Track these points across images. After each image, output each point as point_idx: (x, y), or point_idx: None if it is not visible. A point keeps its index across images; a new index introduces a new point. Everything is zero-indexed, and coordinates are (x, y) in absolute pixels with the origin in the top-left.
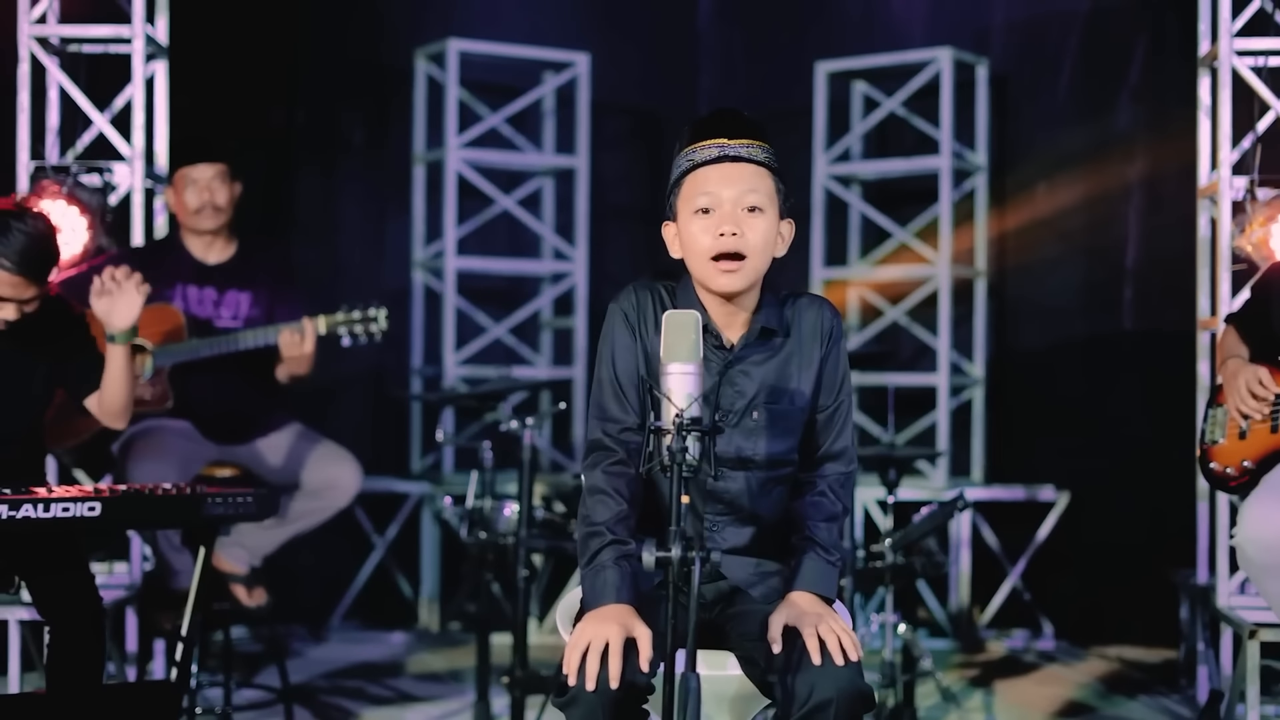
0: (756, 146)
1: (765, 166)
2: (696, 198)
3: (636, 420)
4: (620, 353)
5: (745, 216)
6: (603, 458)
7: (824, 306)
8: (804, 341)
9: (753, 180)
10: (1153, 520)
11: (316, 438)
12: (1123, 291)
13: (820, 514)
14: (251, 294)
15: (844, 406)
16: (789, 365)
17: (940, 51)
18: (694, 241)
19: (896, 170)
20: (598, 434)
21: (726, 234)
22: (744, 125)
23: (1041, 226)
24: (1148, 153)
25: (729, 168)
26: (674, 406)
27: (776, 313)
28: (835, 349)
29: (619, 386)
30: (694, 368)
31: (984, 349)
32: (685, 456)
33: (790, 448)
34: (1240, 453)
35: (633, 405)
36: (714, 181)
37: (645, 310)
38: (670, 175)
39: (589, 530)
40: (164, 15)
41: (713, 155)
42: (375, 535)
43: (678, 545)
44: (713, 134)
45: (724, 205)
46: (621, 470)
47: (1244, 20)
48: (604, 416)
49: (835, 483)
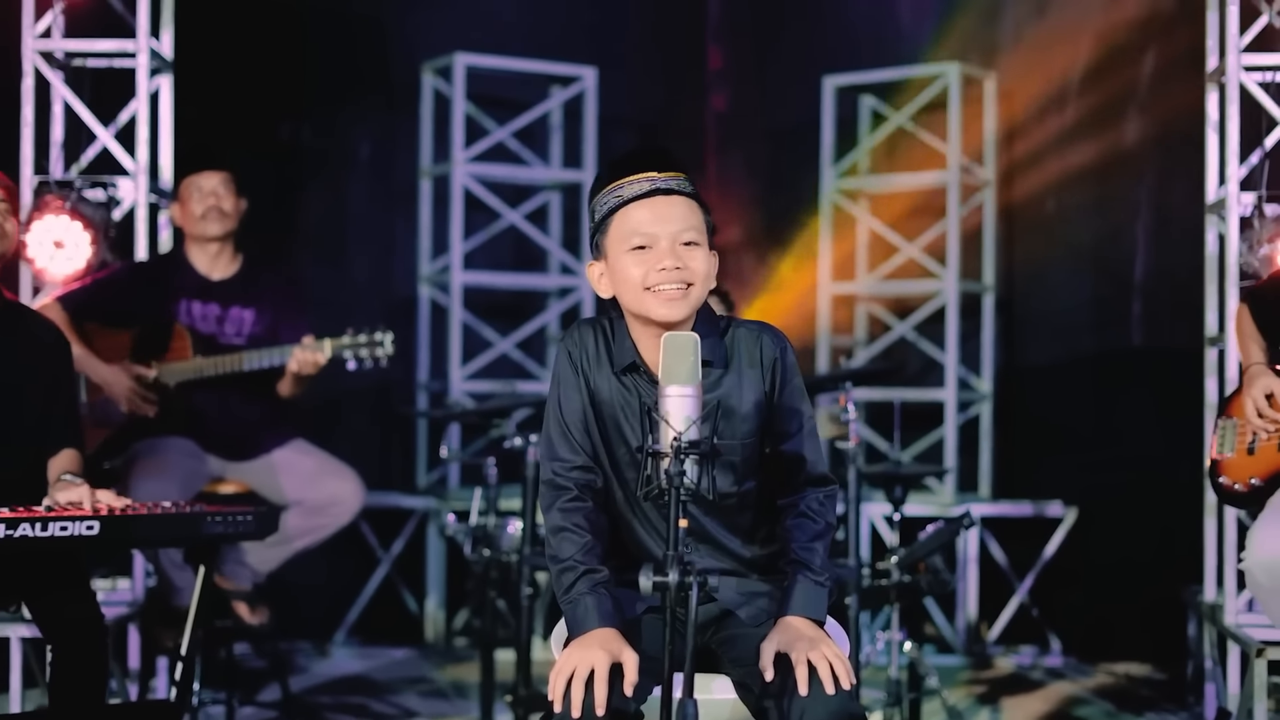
0: (684, 179)
1: (695, 199)
2: (630, 237)
3: (584, 460)
4: (566, 393)
5: (683, 250)
6: (557, 496)
7: (764, 333)
8: (743, 372)
9: (687, 215)
10: (1161, 537)
11: (319, 454)
12: (1131, 307)
13: (805, 534)
14: (255, 311)
15: (806, 429)
16: (730, 398)
17: (948, 66)
18: (629, 275)
19: (904, 184)
20: (548, 474)
21: (668, 268)
22: (669, 159)
23: (1050, 241)
24: (1156, 167)
25: (661, 202)
26: (671, 429)
27: (712, 343)
28: (784, 375)
29: (565, 427)
30: (692, 390)
31: (992, 364)
32: (683, 480)
33: (736, 481)
34: (1248, 469)
35: (580, 445)
36: (648, 218)
37: (588, 347)
38: (593, 215)
39: (560, 567)
40: (169, 29)
41: (644, 190)
42: (380, 550)
43: (675, 569)
44: (639, 168)
45: (660, 242)
46: (577, 505)
47: (1251, 36)
48: (553, 456)
49: (815, 501)
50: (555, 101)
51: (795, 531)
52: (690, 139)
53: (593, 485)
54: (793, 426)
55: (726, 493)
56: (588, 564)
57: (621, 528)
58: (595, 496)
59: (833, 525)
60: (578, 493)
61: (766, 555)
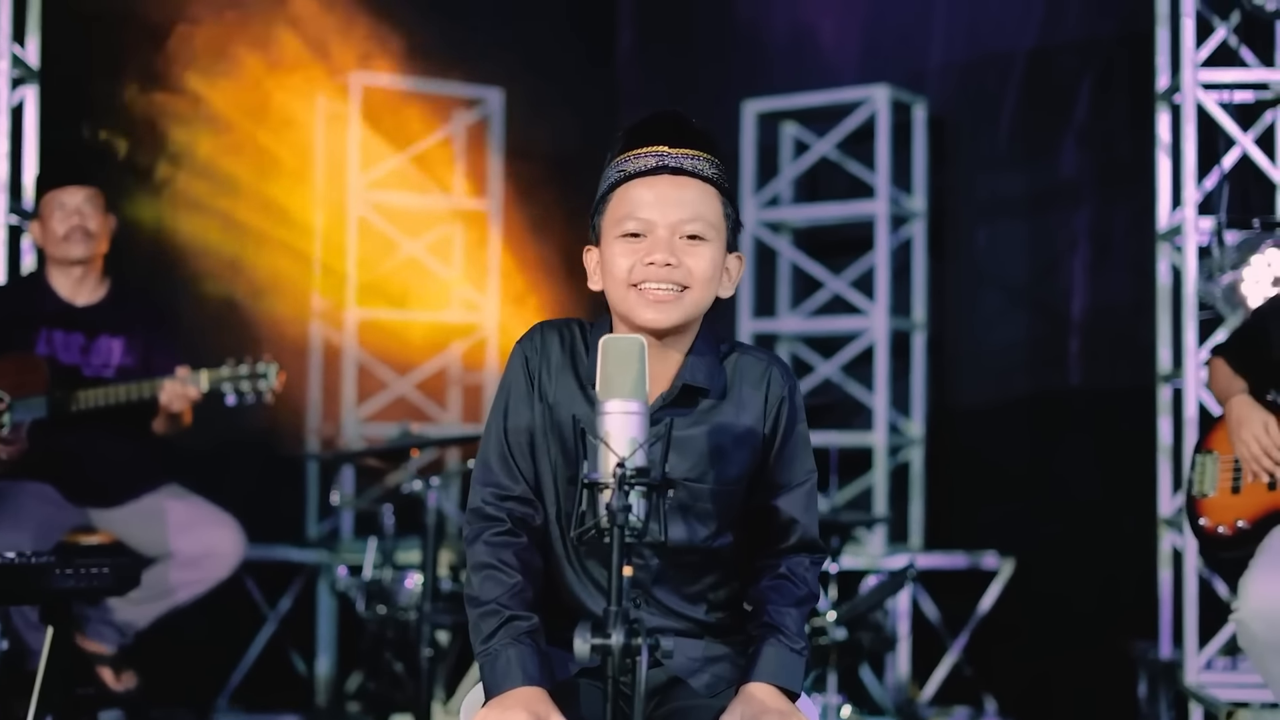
0: (703, 159)
1: (713, 184)
2: (625, 219)
3: (523, 490)
4: (515, 406)
5: (684, 245)
6: (485, 527)
7: (772, 366)
8: (742, 407)
9: (696, 202)
10: (1104, 588)
11: (195, 500)
12: (1069, 344)
13: (784, 598)
14: (125, 340)
15: (806, 488)
16: (720, 435)
17: (875, 90)
18: (614, 266)
19: (829, 216)
20: (478, 501)
21: (658, 263)
22: (689, 131)
23: (983, 276)
24: (1095, 197)
25: (667, 182)
26: (613, 454)
27: (708, 366)
28: (790, 419)
29: (507, 448)
30: (638, 406)
31: (923, 406)
32: (628, 517)
33: (709, 535)
34: (1234, 510)
35: (521, 471)
36: (648, 200)
37: (550, 352)
38: (597, 189)
39: (480, 611)
40: (35, 36)
41: (648, 165)
42: (267, 607)
43: (619, 629)
44: (649, 140)
45: (657, 230)
46: (508, 540)
47: (1207, 52)
48: (487, 480)
49: (801, 566)
50: (458, 125)
51: (772, 594)
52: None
53: (529, 521)
54: (791, 480)
55: (694, 545)
56: (513, 609)
57: (558, 577)
58: (531, 534)
59: (816, 596)
60: (510, 526)
61: (726, 619)
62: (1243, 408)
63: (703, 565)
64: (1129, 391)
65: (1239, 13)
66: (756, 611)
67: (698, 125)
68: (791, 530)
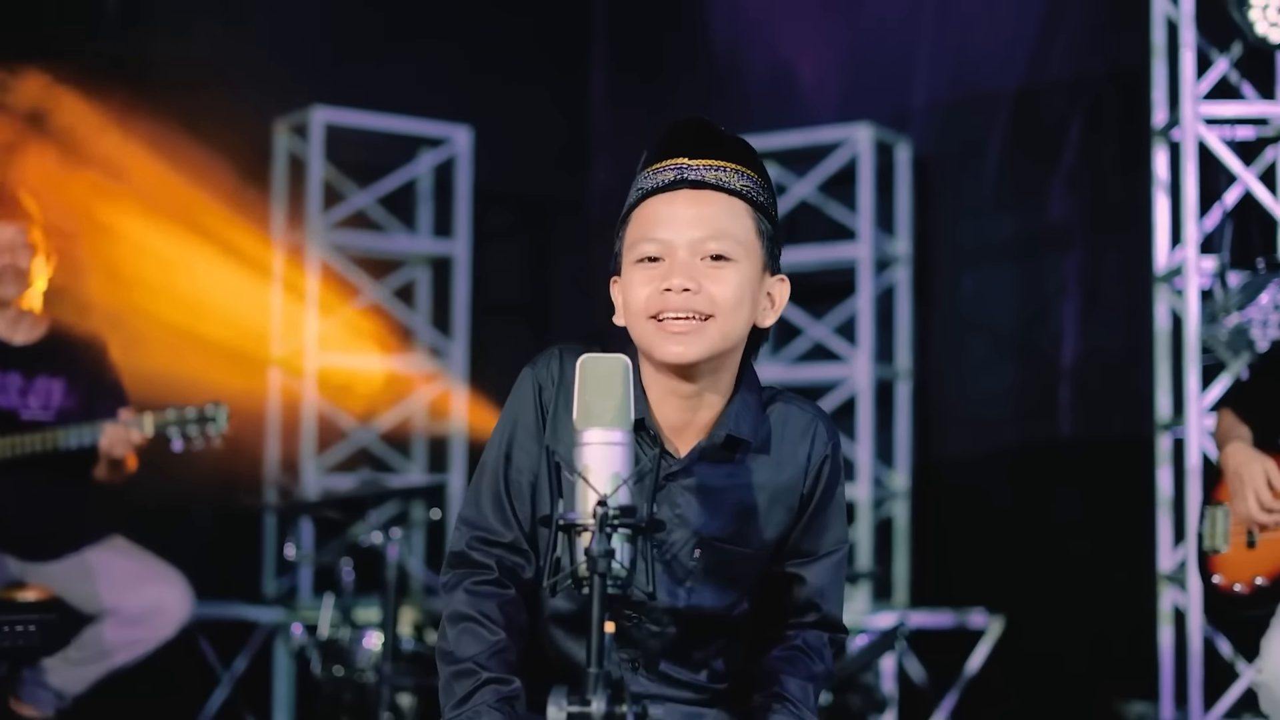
0: (731, 169)
1: (742, 198)
2: (641, 242)
3: (515, 537)
4: (520, 441)
5: (706, 268)
6: (467, 574)
7: (819, 421)
8: (783, 463)
9: (720, 218)
10: (1098, 648)
11: (140, 554)
12: (1059, 393)
13: (796, 670)
14: (65, 381)
15: (835, 559)
16: (756, 493)
17: (857, 129)
18: (631, 297)
19: (809, 260)
20: (461, 543)
21: (675, 289)
22: (712, 140)
23: (970, 322)
24: (1085, 240)
25: (686, 198)
26: (594, 491)
27: (754, 415)
28: (830, 483)
29: (504, 487)
30: (621, 436)
31: (908, 458)
32: (610, 564)
33: (733, 602)
34: (1251, 566)
35: (518, 517)
36: (665, 219)
37: (569, 384)
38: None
39: (455, 669)
40: None
41: (665, 180)
42: (221, 668)
43: (600, 696)
44: (669, 152)
45: (676, 252)
46: (493, 590)
47: (1206, 86)
48: (476, 522)
49: (818, 640)
50: (424, 165)
51: (785, 664)
52: (573, 212)
53: (518, 573)
54: (820, 548)
55: (717, 612)
56: (493, 670)
57: (546, 637)
58: (521, 588)
59: (831, 675)
60: (498, 574)
61: (727, 688)
62: (1238, 455)
63: (715, 632)
64: (1122, 442)
65: (1240, 45)
66: (766, 681)
67: (724, 133)
68: (813, 605)
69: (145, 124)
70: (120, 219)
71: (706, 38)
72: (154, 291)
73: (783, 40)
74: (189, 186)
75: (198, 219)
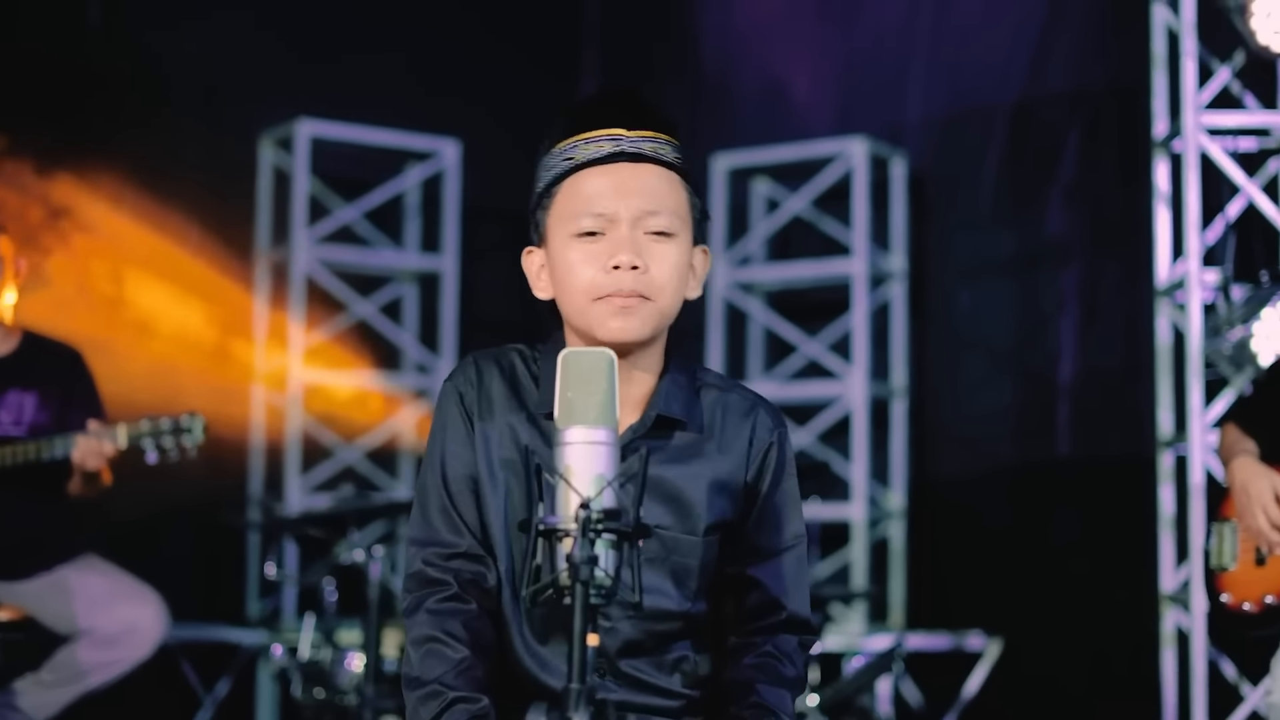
0: (664, 141)
1: (677, 171)
2: (579, 215)
3: (470, 544)
4: (452, 450)
5: (650, 242)
6: (427, 594)
7: (759, 406)
8: (723, 449)
9: (661, 192)
10: (1097, 670)
11: (114, 572)
12: (1058, 411)
13: (769, 677)
14: (38, 395)
15: (794, 554)
16: (698, 477)
17: (852, 143)
18: (572, 275)
19: (803, 276)
20: (417, 563)
21: (624, 266)
22: (647, 111)
23: (966, 339)
24: (1084, 255)
25: (627, 170)
26: (576, 494)
27: (685, 395)
28: (778, 470)
29: (448, 499)
30: (606, 435)
31: (903, 477)
32: (594, 571)
33: (684, 596)
34: (1260, 584)
35: (468, 523)
36: (606, 191)
37: (489, 385)
38: (537, 182)
39: (421, 693)
40: None
41: (604, 152)
42: (203, 692)
43: (581, 711)
44: (602, 122)
45: (619, 226)
46: (454, 607)
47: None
48: (427, 539)
49: (789, 644)
50: (412, 179)
51: (758, 673)
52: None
53: (480, 582)
54: (777, 544)
55: (669, 611)
56: (459, 690)
57: (510, 649)
58: (483, 599)
59: (804, 681)
60: (457, 590)
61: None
62: (1245, 470)
63: (677, 631)
64: (1122, 460)
65: (1242, 54)
66: (742, 692)
67: (654, 104)
68: (778, 606)
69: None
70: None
71: (698, 50)
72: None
73: (776, 51)
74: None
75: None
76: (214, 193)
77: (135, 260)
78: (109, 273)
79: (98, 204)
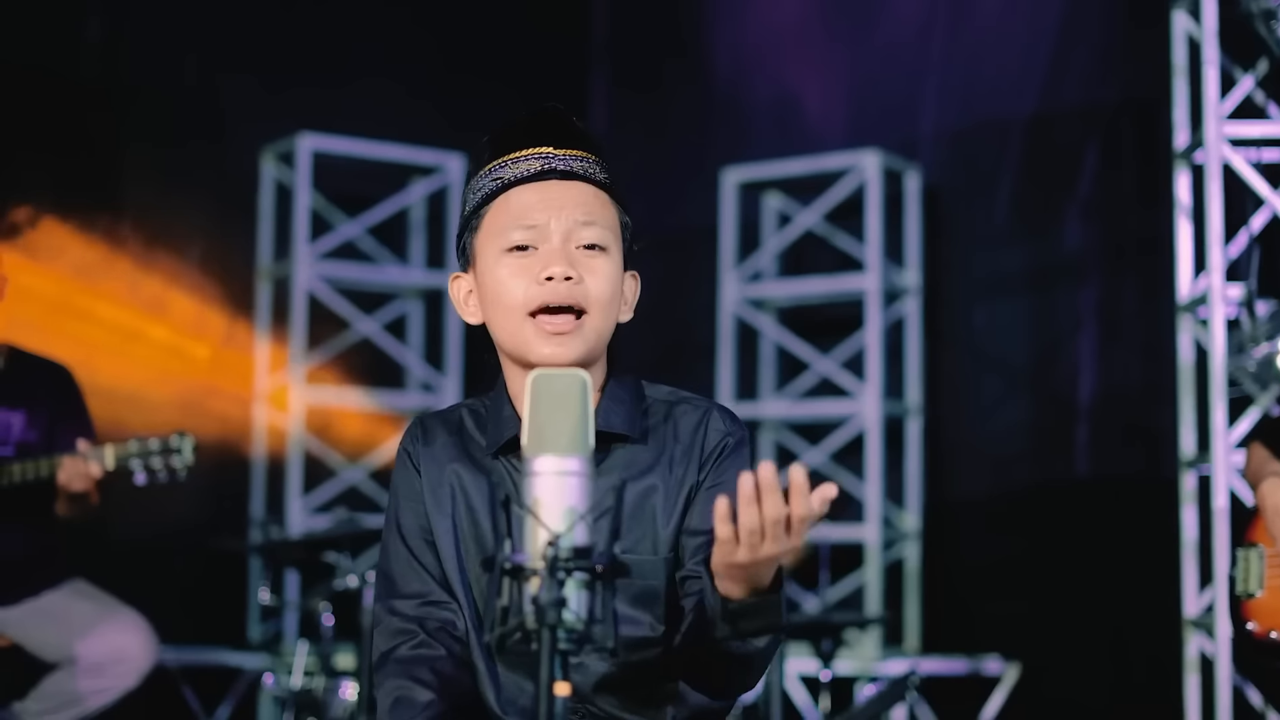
0: (593, 161)
1: (607, 190)
2: (509, 229)
3: (435, 590)
4: (406, 506)
5: (582, 256)
6: (394, 645)
7: (711, 411)
8: (674, 462)
9: (592, 206)
10: (1117, 696)
11: (101, 598)
12: (1076, 431)
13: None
14: (26, 414)
15: None
16: (650, 493)
17: (865, 156)
18: (503, 291)
19: (816, 292)
20: (384, 616)
21: (557, 276)
22: (575, 130)
23: (982, 357)
24: (1102, 272)
25: (557, 187)
26: (544, 529)
27: (627, 410)
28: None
29: (409, 552)
30: (578, 464)
31: (919, 498)
32: (563, 614)
33: (656, 619)
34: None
35: (431, 573)
36: (536, 205)
37: (434, 438)
38: (464, 206)
39: None
40: None
41: (532, 170)
42: (204, 717)
43: None
44: (530, 141)
45: (551, 239)
46: (422, 654)
47: (1233, 104)
48: (390, 592)
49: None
50: (417, 194)
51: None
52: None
53: (449, 628)
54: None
55: (642, 638)
56: None
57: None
58: (452, 644)
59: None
60: (424, 637)
61: None
62: (1277, 492)
63: (653, 660)
64: (1143, 481)
65: (1266, 62)
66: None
67: (581, 125)
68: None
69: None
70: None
71: (709, 63)
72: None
73: (788, 65)
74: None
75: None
76: (215, 208)
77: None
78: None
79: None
